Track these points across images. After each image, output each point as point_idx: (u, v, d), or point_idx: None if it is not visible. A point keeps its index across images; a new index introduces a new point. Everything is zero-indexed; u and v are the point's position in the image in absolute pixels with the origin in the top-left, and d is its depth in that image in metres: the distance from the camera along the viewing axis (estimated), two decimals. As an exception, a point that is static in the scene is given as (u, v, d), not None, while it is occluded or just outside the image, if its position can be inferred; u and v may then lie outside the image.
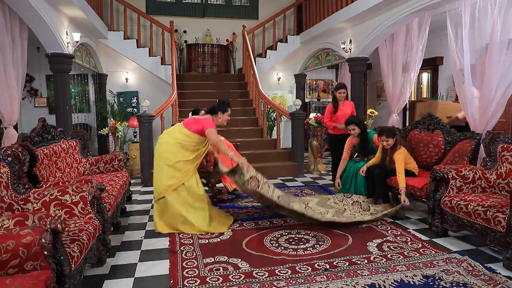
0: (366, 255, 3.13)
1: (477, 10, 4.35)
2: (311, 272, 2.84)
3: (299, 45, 9.23)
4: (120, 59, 8.75)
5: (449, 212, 3.44)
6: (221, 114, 3.97)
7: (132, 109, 9.04)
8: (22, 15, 5.03)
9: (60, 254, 2.12)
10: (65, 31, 5.97)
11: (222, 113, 3.98)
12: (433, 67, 7.84)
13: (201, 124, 3.81)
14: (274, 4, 9.85)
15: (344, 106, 5.25)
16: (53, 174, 3.62)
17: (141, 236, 3.70)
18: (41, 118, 3.83)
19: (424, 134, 4.74)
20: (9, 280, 1.85)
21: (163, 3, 9.59)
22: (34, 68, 8.44)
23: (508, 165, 3.53)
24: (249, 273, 2.83)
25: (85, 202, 2.82)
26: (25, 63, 5.38)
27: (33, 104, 8.93)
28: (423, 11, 5.42)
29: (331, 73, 10.56)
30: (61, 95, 6.11)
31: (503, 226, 2.86)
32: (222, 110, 3.97)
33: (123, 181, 4.23)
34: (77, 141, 4.61)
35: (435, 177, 3.66)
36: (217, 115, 3.97)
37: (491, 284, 2.60)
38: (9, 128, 5.23)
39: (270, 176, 6.31)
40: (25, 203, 2.71)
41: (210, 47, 9.26)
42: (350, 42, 7.07)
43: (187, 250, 3.28)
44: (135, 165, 6.85)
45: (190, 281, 2.72)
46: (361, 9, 6.14)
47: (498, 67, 4.14)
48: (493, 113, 4.27)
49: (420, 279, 2.70)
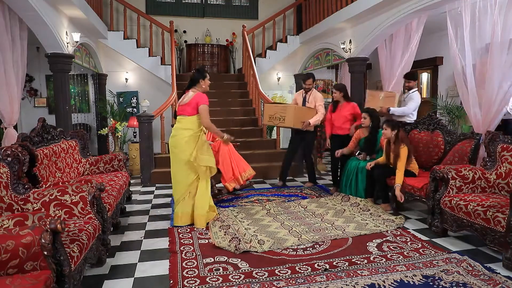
0: (366, 255, 3.13)
1: (477, 10, 4.35)
2: (311, 272, 2.84)
3: (298, 45, 9.23)
4: (120, 59, 8.75)
5: (448, 212, 3.44)
6: (202, 81, 4.03)
7: (132, 109, 9.04)
8: (22, 15, 5.03)
9: (60, 254, 2.12)
10: (64, 31, 5.97)
11: (203, 79, 4.04)
12: (432, 67, 7.84)
13: (195, 100, 3.89)
14: (274, 4, 9.85)
15: (343, 107, 5.25)
16: (52, 174, 3.62)
17: (141, 236, 3.69)
18: (40, 118, 3.83)
19: (424, 134, 4.74)
20: (9, 280, 1.85)
21: (163, 3, 9.59)
22: (34, 68, 8.43)
23: (507, 165, 3.53)
24: (249, 273, 2.83)
25: (84, 202, 2.82)
26: (25, 63, 5.37)
27: (33, 104, 8.93)
28: (423, 11, 5.42)
29: (331, 73, 10.57)
30: (60, 95, 6.11)
31: (503, 226, 2.86)
32: (202, 77, 4.03)
33: (123, 181, 4.23)
34: (77, 141, 4.61)
35: (434, 177, 3.66)
36: (200, 84, 4.03)
37: (491, 284, 2.60)
38: (9, 128, 5.23)
39: (270, 177, 6.32)
40: (25, 203, 2.71)
41: (210, 47, 9.26)
42: (349, 42, 7.07)
43: (187, 250, 3.28)
44: (134, 165, 6.85)
45: (190, 281, 2.72)
46: (361, 9, 6.14)
47: (499, 67, 4.15)
48: (496, 113, 4.27)
49: (420, 279, 2.70)
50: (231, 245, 3.32)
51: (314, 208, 4.46)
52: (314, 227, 3.81)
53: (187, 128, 3.92)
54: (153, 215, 4.39)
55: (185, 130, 3.92)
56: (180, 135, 3.93)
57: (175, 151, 3.96)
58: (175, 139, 3.97)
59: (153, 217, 4.29)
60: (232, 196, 5.12)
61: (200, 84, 4.03)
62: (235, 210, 4.45)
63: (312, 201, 4.78)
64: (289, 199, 4.91)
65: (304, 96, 5.56)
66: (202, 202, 3.94)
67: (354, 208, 4.41)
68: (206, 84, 4.08)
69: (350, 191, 4.88)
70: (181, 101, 4.03)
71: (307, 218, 4.11)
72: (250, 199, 4.97)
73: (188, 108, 3.94)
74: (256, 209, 4.47)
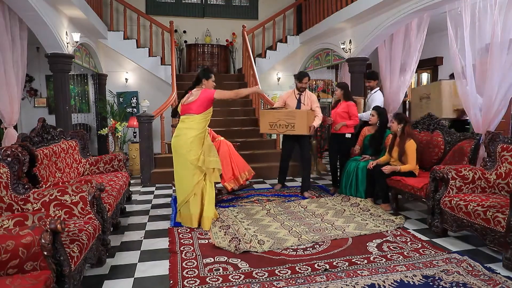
0: (366, 255, 3.13)
1: (477, 10, 4.34)
2: (311, 272, 2.84)
3: (298, 45, 9.23)
4: (120, 59, 8.75)
5: (448, 212, 3.44)
6: (205, 81, 3.98)
7: (131, 109, 9.04)
8: (22, 15, 5.03)
9: (60, 254, 2.12)
10: (64, 31, 5.97)
11: (206, 79, 3.98)
12: (432, 67, 7.84)
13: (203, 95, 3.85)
14: (274, 4, 9.85)
15: (341, 105, 5.20)
16: (52, 174, 3.62)
17: (141, 237, 3.69)
18: (40, 118, 3.83)
19: (424, 134, 4.74)
20: (9, 281, 1.85)
21: (163, 3, 9.59)
22: (33, 68, 8.44)
23: (507, 165, 3.53)
24: (249, 273, 2.83)
25: (84, 202, 2.82)
26: (24, 63, 5.37)
27: (33, 104, 8.94)
28: (423, 11, 5.42)
29: (331, 73, 10.57)
30: (60, 95, 6.11)
31: (503, 226, 2.86)
32: (205, 77, 3.97)
33: (122, 181, 4.23)
34: (77, 141, 4.61)
35: (435, 177, 3.66)
36: (203, 83, 3.98)
37: (491, 284, 2.60)
38: (9, 128, 5.23)
39: (270, 177, 6.31)
40: (25, 203, 2.71)
41: (210, 47, 9.26)
42: (349, 42, 7.07)
43: (187, 250, 3.28)
44: (134, 165, 6.84)
45: (190, 281, 2.72)
46: (361, 9, 6.14)
47: (499, 67, 4.15)
48: (496, 113, 4.27)
49: (420, 279, 2.70)
50: (231, 245, 3.32)
51: (314, 208, 4.46)
52: (314, 227, 3.81)
53: (192, 128, 3.85)
54: (153, 215, 4.39)
55: (189, 130, 3.86)
56: (184, 135, 3.86)
57: (180, 151, 3.88)
58: (178, 139, 3.90)
59: (153, 217, 4.29)
60: (232, 196, 5.12)
61: (203, 84, 3.99)
62: (235, 210, 4.45)
63: (312, 201, 4.78)
64: (289, 199, 4.91)
65: (299, 97, 5.15)
66: (211, 205, 3.92)
67: (354, 208, 4.41)
68: (209, 86, 4.00)
69: (351, 192, 4.87)
70: (185, 101, 3.95)
71: (307, 218, 4.11)
72: (250, 199, 4.96)
73: (194, 106, 3.86)
74: (256, 209, 4.47)
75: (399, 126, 4.33)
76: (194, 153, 3.82)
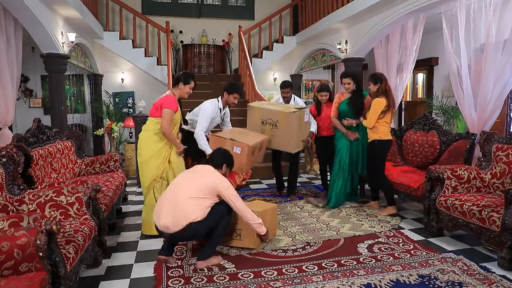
0: (355, 257, 3.11)
1: (472, 11, 4.37)
2: (297, 274, 2.82)
3: (295, 45, 9.24)
4: (116, 60, 8.72)
5: (444, 211, 3.45)
6: (182, 85, 3.67)
7: (127, 109, 9.01)
8: (17, 15, 5.00)
9: (56, 255, 2.11)
10: (60, 31, 5.94)
11: (184, 84, 3.67)
12: (428, 67, 7.88)
13: (160, 102, 3.60)
14: (270, 4, 9.85)
15: (327, 107, 4.88)
16: (48, 175, 3.60)
17: (137, 237, 3.68)
18: (36, 119, 3.81)
19: (419, 134, 4.76)
20: (4, 282, 1.84)
21: (159, 4, 9.57)
22: (29, 68, 8.38)
23: (502, 165, 3.55)
24: (235, 274, 2.82)
25: (80, 203, 2.81)
26: (20, 63, 5.34)
27: (28, 105, 8.88)
28: (419, 12, 5.44)
29: (327, 74, 10.58)
30: (56, 96, 6.08)
31: (498, 225, 2.88)
32: (183, 81, 3.67)
33: (118, 181, 4.21)
34: (73, 142, 4.59)
35: (430, 177, 3.67)
36: (178, 86, 3.68)
37: (486, 283, 2.61)
38: (4, 129, 5.20)
39: (266, 177, 6.31)
40: (20, 204, 2.70)
41: (206, 47, 9.24)
42: (346, 43, 7.09)
43: (178, 250, 3.28)
44: (131, 165, 6.82)
45: (174, 281, 2.72)
46: (357, 9, 6.15)
47: (494, 67, 4.17)
48: (491, 113, 4.30)
49: (415, 279, 2.71)
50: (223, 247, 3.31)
51: (310, 209, 4.46)
52: (309, 228, 3.81)
53: (146, 129, 3.69)
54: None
55: (144, 131, 3.71)
56: (140, 136, 3.72)
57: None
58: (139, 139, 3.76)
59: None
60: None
61: (178, 87, 3.69)
62: (231, 210, 4.44)
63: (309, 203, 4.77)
64: (286, 200, 4.91)
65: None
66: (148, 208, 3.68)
67: (350, 209, 4.42)
68: (185, 91, 3.69)
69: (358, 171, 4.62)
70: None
71: (303, 219, 4.11)
72: (247, 200, 4.96)
73: (152, 107, 3.68)
74: (253, 209, 4.45)
75: (376, 86, 4.08)
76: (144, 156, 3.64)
